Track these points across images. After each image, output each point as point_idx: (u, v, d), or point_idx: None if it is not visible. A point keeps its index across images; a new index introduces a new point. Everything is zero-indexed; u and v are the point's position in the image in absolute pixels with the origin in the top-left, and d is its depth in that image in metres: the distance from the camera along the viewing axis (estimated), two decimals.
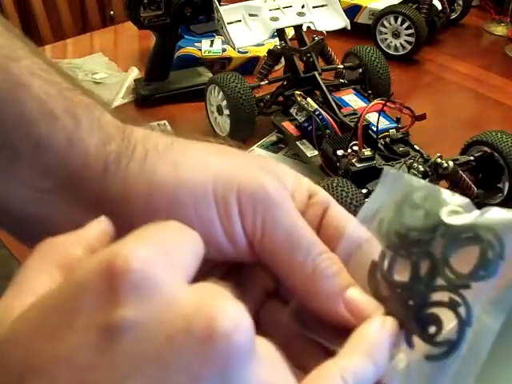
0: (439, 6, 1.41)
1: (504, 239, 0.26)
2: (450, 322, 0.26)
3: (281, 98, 1.07)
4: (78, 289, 0.21)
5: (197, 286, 0.22)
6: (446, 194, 0.28)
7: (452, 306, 0.26)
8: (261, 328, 0.30)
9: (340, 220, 0.30)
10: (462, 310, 0.26)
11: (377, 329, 0.26)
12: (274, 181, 0.28)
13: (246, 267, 0.30)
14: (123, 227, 0.26)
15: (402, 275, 0.27)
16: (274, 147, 1.07)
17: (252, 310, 0.29)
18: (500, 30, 1.51)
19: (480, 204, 0.94)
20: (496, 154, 0.89)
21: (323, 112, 0.96)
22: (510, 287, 0.26)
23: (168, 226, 0.24)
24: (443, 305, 0.26)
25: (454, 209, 0.27)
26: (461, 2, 1.48)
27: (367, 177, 0.85)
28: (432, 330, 0.26)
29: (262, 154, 1.05)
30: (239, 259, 0.29)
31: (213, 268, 0.30)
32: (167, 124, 1.12)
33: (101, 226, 0.25)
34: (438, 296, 0.26)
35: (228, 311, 0.21)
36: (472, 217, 0.27)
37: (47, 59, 0.30)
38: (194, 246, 0.24)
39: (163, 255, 0.21)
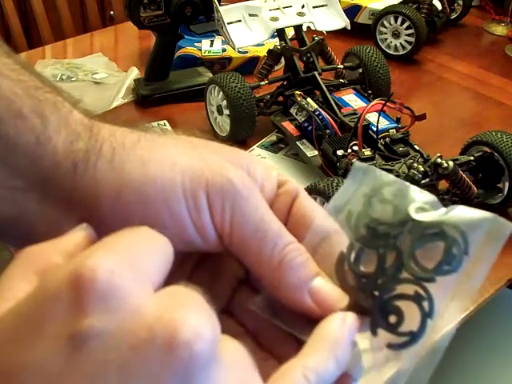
0: (439, 6, 1.41)
1: (468, 236, 0.27)
2: (412, 313, 0.27)
3: (281, 98, 1.07)
4: (48, 298, 0.21)
5: (163, 293, 0.23)
6: (415, 190, 0.28)
7: (416, 298, 0.27)
8: (233, 316, 0.31)
9: (308, 209, 0.30)
10: (425, 303, 0.27)
11: (338, 325, 0.27)
12: (242, 174, 0.29)
13: (217, 256, 0.31)
14: (95, 224, 0.27)
15: (368, 267, 0.28)
16: (274, 147, 1.07)
17: (225, 298, 0.31)
18: (500, 30, 1.51)
19: (480, 204, 0.94)
20: (496, 154, 0.89)
21: (323, 112, 0.96)
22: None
23: (137, 233, 0.24)
24: (407, 297, 0.27)
25: (422, 205, 0.28)
26: (461, 2, 1.48)
27: None
28: (393, 320, 0.27)
29: (261, 154, 1.05)
30: (210, 250, 0.29)
31: (185, 258, 0.31)
32: (167, 124, 1.12)
33: (82, 233, 0.25)
34: (402, 288, 0.27)
35: (190, 320, 0.21)
36: (438, 214, 0.28)
37: (19, 59, 0.30)
38: (162, 251, 0.24)
39: (130, 265, 0.22)
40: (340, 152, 0.89)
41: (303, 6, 1.10)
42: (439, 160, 0.84)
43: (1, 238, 0.30)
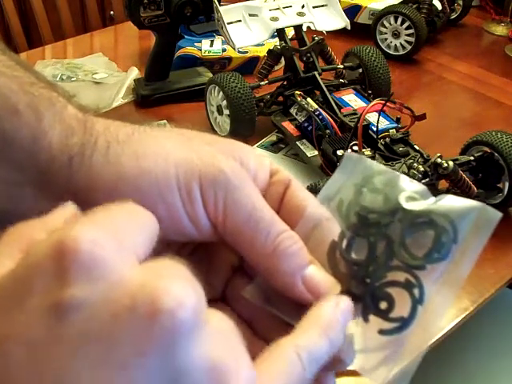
0: (439, 6, 1.41)
1: (457, 225, 0.28)
2: (403, 300, 0.28)
3: (281, 98, 1.07)
4: (30, 270, 0.21)
5: (147, 265, 0.23)
6: (405, 180, 0.29)
7: (406, 285, 0.28)
8: (228, 303, 0.32)
9: (300, 198, 0.31)
10: (415, 290, 0.28)
11: (332, 308, 0.27)
12: (234, 164, 0.29)
13: (211, 246, 0.31)
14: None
15: (359, 255, 0.29)
16: (274, 147, 1.07)
17: (220, 286, 0.32)
18: (500, 30, 1.51)
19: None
20: (496, 154, 0.89)
21: (323, 112, 0.96)
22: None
23: (122, 207, 0.24)
24: (398, 284, 0.28)
25: (412, 195, 0.29)
26: (461, 2, 1.48)
27: None
28: (384, 306, 0.28)
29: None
30: (204, 240, 0.30)
31: (179, 248, 0.31)
32: (167, 124, 1.12)
33: (66, 210, 0.25)
34: (393, 275, 0.28)
35: (173, 288, 0.21)
36: (428, 203, 0.28)
37: (14, 56, 0.31)
38: (147, 226, 0.25)
39: (113, 236, 0.22)
40: (340, 152, 0.89)
41: (303, 6, 1.10)
42: (439, 160, 0.84)
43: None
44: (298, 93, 1.03)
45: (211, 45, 1.27)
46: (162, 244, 0.30)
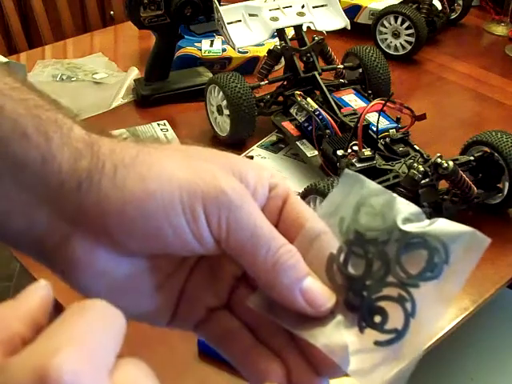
0: (439, 6, 1.41)
1: (449, 247, 0.30)
2: (397, 313, 0.30)
3: (281, 97, 1.07)
4: None
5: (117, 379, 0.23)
6: (401, 202, 0.31)
7: (399, 300, 0.30)
8: (232, 310, 0.34)
9: (298, 212, 0.32)
10: (408, 304, 0.30)
11: None
12: (234, 183, 0.31)
13: (215, 257, 0.33)
14: (101, 236, 0.29)
15: (356, 269, 0.31)
16: (274, 147, 1.07)
17: (225, 295, 0.33)
18: (500, 30, 1.51)
19: (480, 204, 0.94)
20: (496, 154, 0.89)
21: (323, 112, 0.96)
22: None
23: (94, 312, 0.24)
24: (392, 298, 0.30)
25: (408, 216, 0.31)
26: (461, 2, 1.48)
27: (367, 177, 0.85)
28: (379, 319, 0.30)
29: (261, 154, 1.05)
30: (209, 254, 0.31)
31: (184, 260, 0.33)
32: (167, 124, 1.12)
33: (40, 293, 0.26)
34: (388, 291, 0.30)
35: None
36: (422, 225, 0.30)
37: (17, 76, 0.32)
38: (117, 327, 0.25)
39: (90, 361, 0.23)
40: (340, 152, 0.89)
41: (303, 6, 1.10)
42: (439, 160, 0.84)
43: (14, 247, 0.31)
44: (298, 93, 1.03)
45: (211, 45, 1.27)
46: (167, 257, 0.32)
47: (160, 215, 0.29)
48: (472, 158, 0.91)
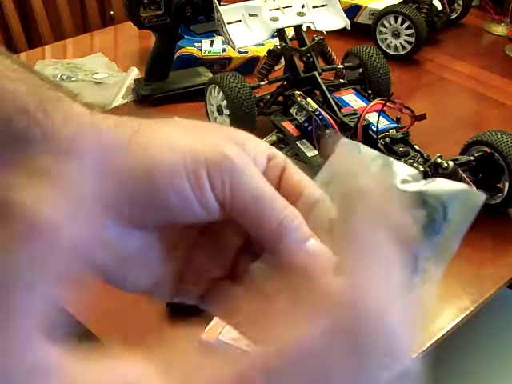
0: (439, 6, 1.41)
1: (447, 204, 0.31)
2: None
3: (281, 97, 1.07)
4: None
5: None
6: (398, 165, 0.32)
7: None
8: (238, 280, 0.34)
9: (297, 180, 0.33)
10: (412, 262, 0.31)
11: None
12: (237, 149, 0.32)
13: (217, 228, 0.34)
14: (109, 209, 0.30)
15: None
16: (273, 147, 1.07)
17: (227, 264, 0.34)
18: (500, 30, 1.51)
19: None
20: (496, 154, 0.89)
21: (323, 112, 0.96)
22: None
23: None
24: None
25: (405, 178, 0.32)
26: (461, 2, 1.48)
27: None
28: None
29: None
30: (214, 220, 0.32)
31: (188, 228, 0.34)
32: None
33: None
34: None
35: None
36: (420, 185, 0.32)
37: (15, 60, 0.32)
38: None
39: None
40: None
41: (303, 6, 1.10)
42: (439, 160, 0.84)
43: None
44: (298, 93, 1.03)
45: (211, 45, 1.27)
46: (171, 228, 0.32)
47: (164, 183, 0.30)
48: (472, 158, 0.91)
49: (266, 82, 1.07)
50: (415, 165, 0.84)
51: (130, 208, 0.30)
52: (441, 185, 0.31)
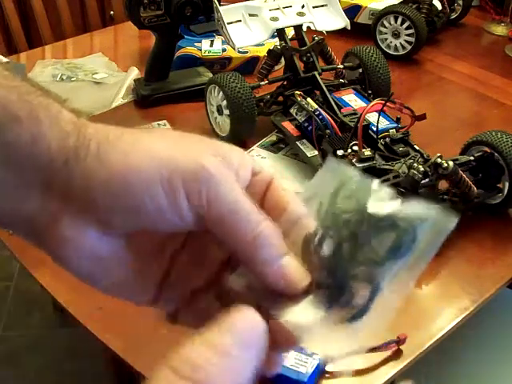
0: (439, 6, 1.41)
1: (417, 228, 0.32)
2: (364, 290, 0.31)
3: (281, 98, 1.07)
4: None
5: None
6: (375, 185, 0.33)
7: (368, 279, 0.32)
8: (220, 295, 0.34)
9: (281, 195, 0.34)
10: (375, 283, 0.31)
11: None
12: (215, 160, 0.32)
13: (202, 238, 0.34)
14: (88, 213, 0.31)
15: (330, 249, 0.32)
16: (274, 147, 1.07)
17: (210, 278, 0.34)
18: (500, 30, 1.51)
19: (480, 204, 0.94)
20: (496, 154, 0.89)
21: (323, 112, 0.96)
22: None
23: None
24: (361, 278, 0.32)
25: (382, 196, 0.32)
26: (461, 2, 1.48)
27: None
28: (348, 296, 0.31)
29: (261, 154, 1.05)
30: (190, 229, 0.32)
31: (170, 237, 0.34)
32: (167, 124, 1.12)
33: None
34: (357, 271, 0.32)
35: None
36: (393, 206, 0.32)
37: (7, 66, 0.32)
38: None
39: None
40: (340, 152, 0.89)
41: (303, 6, 1.10)
42: (439, 160, 0.84)
43: (5, 227, 0.32)
44: (298, 93, 1.03)
45: (211, 45, 1.27)
46: (152, 236, 0.33)
47: (141, 189, 0.30)
48: (472, 157, 0.91)
49: (266, 82, 1.07)
50: (415, 165, 0.84)
51: (110, 214, 0.30)
52: (413, 208, 0.32)
